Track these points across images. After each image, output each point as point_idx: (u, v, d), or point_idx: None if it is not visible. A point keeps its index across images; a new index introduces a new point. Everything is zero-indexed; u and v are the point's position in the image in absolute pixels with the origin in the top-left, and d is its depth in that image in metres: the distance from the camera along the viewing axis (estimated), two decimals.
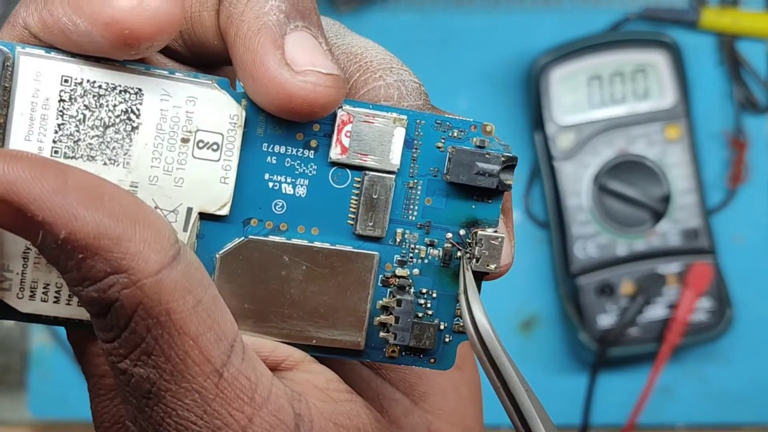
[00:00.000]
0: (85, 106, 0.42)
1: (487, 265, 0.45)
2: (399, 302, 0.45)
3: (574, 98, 1.08)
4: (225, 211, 0.44)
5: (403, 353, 0.46)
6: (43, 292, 0.43)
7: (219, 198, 0.43)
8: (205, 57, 0.45)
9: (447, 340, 0.47)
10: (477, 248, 0.45)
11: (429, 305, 0.46)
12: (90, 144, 0.42)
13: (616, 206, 1.06)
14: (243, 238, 0.44)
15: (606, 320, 1.05)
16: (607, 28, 1.12)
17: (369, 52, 0.46)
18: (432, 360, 0.47)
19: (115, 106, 0.42)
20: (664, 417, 1.09)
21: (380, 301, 0.46)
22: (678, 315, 1.05)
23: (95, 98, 0.42)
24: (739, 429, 1.09)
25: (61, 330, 1.09)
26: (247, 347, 0.42)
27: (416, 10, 1.12)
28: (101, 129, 0.42)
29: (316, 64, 0.41)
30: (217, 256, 0.44)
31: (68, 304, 0.43)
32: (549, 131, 1.07)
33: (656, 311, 1.06)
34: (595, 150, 1.07)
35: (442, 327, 0.46)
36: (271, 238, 0.44)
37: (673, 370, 1.08)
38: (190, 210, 0.43)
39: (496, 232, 0.45)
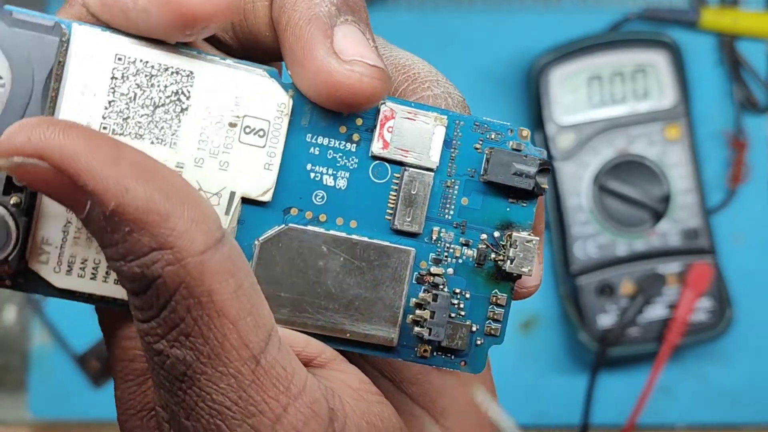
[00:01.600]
0: (137, 84, 0.42)
1: (521, 267, 0.46)
2: (435, 297, 0.45)
3: (574, 98, 1.08)
4: (267, 198, 0.44)
5: (435, 353, 0.46)
6: (80, 268, 0.43)
7: (262, 184, 0.44)
8: (255, 50, 0.46)
9: (479, 342, 0.47)
10: (512, 250, 0.45)
11: (462, 306, 0.47)
12: (139, 122, 0.42)
13: (616, 206, 1.06)
14: (283, 225, 0.44)
15: (606, 320, 1.05)
16: (607, 28, 1.12)
17: (416, 64, 0.48)
18: (463, 362, 0.47)
19: (166, 86, 0.42)
20: (664, 417, 1.09)
21: (414, 299, 0.46)
22: (678, 315, 1.05)
23: (147, 78, 0.42)
24: (738, 429, 1.09)
25: (61, 330, 1.09)
26: (282, 339, 0.42)
27: (416, 10, 1.12)
28: (151, 108, 0.42)
29: (364, 55, 0.42)
30: (257, 242, 0.44)
31: (105, 281, 0.43)
32: (549, 131, 1.07)
33: (656, 311, 1.06)
34: (595, 150, 1.07)
35: (474, 329, 0.47)
36: (311, 227, 0.45)
37: (673, 370, 1.08)
38: (233, 194, 0.43)
39: (530, 234, 0.46)
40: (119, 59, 0.42)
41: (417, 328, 0.46)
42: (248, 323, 0.40)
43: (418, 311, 0.46)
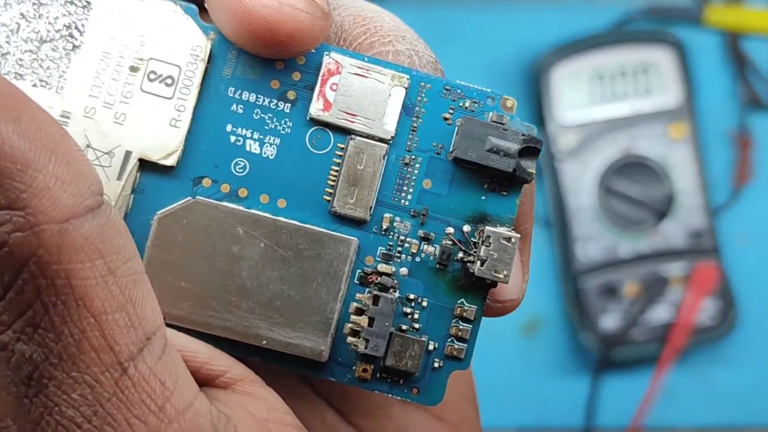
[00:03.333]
0: (21, 14, 0.35)
1: (494, 271, 0.36)
2: (376, 299, 0.36)
3: (577, 96, 1.04)
4: (171, 162, 0.36)
5: (378, 374, 0.37)
6: None
7: (166, 144, 0.36)
8: None
9: (436, 365, 0.37)
10: (484, 248, 0.36)
11: (416, 316, 0.37)
12: (20, 59, 0.35)
13: (620, 206, 1.03)
14: (190, 198, 0.36)
15: (609, 322, 1.02)
16: (611, 25, 1.07)
17: (381, 16, 0.38)
18: (414, 390, 0.37)
19: (56, 18, 0.35)
20: (668, 419, 1.06)
21: (354, 303, 0.36)
22: (682, 316, 1.02)
23: (35, 6, 0.35)
24: (743, 430, 1.07)
25: None
26: (170, 347, 0.33)
27: (417, 7, 1.11)
28: (36, 44, 0.35)
29: None
30: (155, 216, 0.36)
31: None
32: (551, 130, 1.03)
33: (660, 313, 1.02)
34: (598, 149, 1.03)
35: (431, 347, 0.37)
36: (225, 203, 0.36)
37: (677, 372, 1.05)
38: (128, 154, 0.35)
39: (510, 230, 0.36)
40: None
41: (351, 338, 0.36)
42: (117, 320, 0.31)
43: (355, 317, 0.36)
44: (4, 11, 0.35)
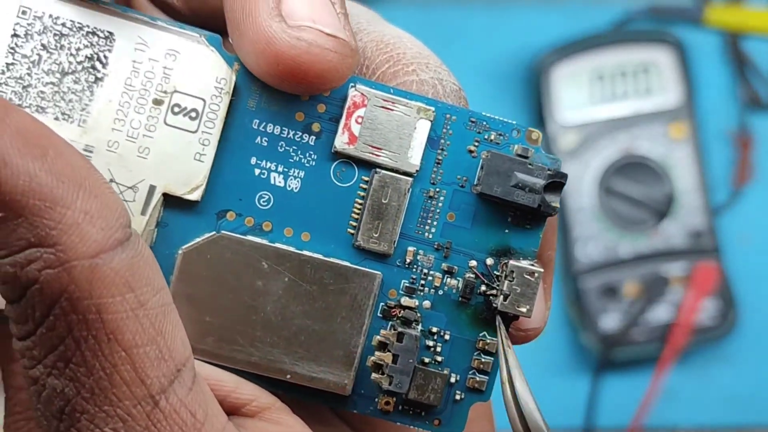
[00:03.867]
0: (42, 45, 0.34)
1: (518, 306, 0.36)
2: (400, 336, 0.35)
3: (577, 97, 1.04)
4: (196, 196, 0.35)
5: (400, 407, 0.37)
6: None
7: (191, 179, 0.35)
8: (206, 15, 0.38)
9: (458, 397, 0.37)
10: (507, 283, 0.35)
11: (439, 349, 0.37)
12: (42, 92, 0.34)
13: (620, 206, 1.02)
14: (214, 233, 0.35)
15: (609, 322, 1.02)
16: (611, 25, 1.07)
17: (403, 42, 0.38)
18: (436, 421, 0.37)
19: (78, 50, 0.34)
20: (669, 419, 1.05)
21: (378, 336, 0.36)
22: (682, 316, 1.02)
23: (56, 38, 0.34)
24: (743, 430, 1.07)
25: None
26: (200, 378, 0.33)
27: (417, 7, 1.10)
28: (58, 76, 0.34)
29: (318, 20, 0.33)
30: (180, 251, 0.35)
31: None
32: (551, 130, 1.03)
33: (660, 313, 1.02)
34: (598, 149, 1.03)
35: (453, 380, 0.37)
36: (250, 237, 0.35)
37: (677, 373, 1.05)
38: (152, 188, 0.35)
39: (533, 265, 0.36)
40: (24, 12, 0.34)
41: (375, 375, 0.36)
42: (148, 353, 0.31)
43: (379, 353, 0.36)
44: (26, 42, 0.34)
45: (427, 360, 0.37)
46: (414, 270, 0.37)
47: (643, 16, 1.09)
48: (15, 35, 0.34)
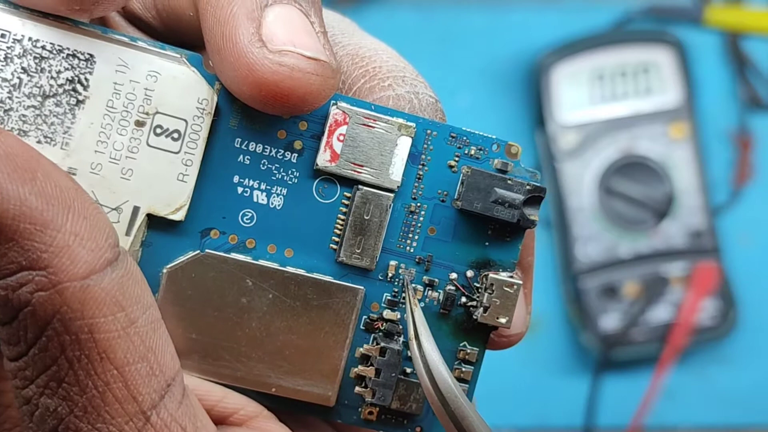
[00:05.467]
0: (22, 68, 0.34)
1: (497, 318, 0.36)
2: (383, 351, 0.36)
3: (577, 97, 1.03)
4: (179, 216, 0.35)
5: (383, 416, 0.38)
6: None
7: (174, 199, 0.35)
8: (181, 33, 0.38)
9: None
10: (487, 295, 0.36)
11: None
12: (23, 116, 0.34)
13: (619, 206, 1.02)
14: (198, 251, 0.36)
15: (609, 322, 1.01)
16: (611, 25, 1.06)
17: (379, 55, 0.38)
18: (418, 429, 0.38)
19: (59, 72, 0.34)
20: (668, 419, 1.05)
21: (360, 349, 0.37)
22: (682, 316, 1.02)
23: (36, 61, 0.34)
24: (743, 431, 1.07)
25: None
26: (188, 391, 0.34)
27: (417, 7, 1.10)
28: (39, 99, 0.34)
29: (299, 44, 0.33)
30: (164, 270, 0.36)
31: None
32: (551, 130, 1.02)
33: (660, 313, 1.02)
34: (598, 149, 1.03)
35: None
36: (234, 255, 0.36)
37: (677, 373, 1.05)
38: (136, 209, 0.35)
39: (512, 277, 0.36)
40: (2, 36, 0.34)
41: (359, 388, 0.37)
42: (139, 370, 0.32)
43: (362, 366, 0.37)
44: (5, 66, 0.34)
45: (409, 371, 0.38)
46: (396, 283, 0.37)
47: (643, 16, 1.08)
48: None
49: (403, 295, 0.37)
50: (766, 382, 1.06)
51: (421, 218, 0.37)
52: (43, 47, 0.34)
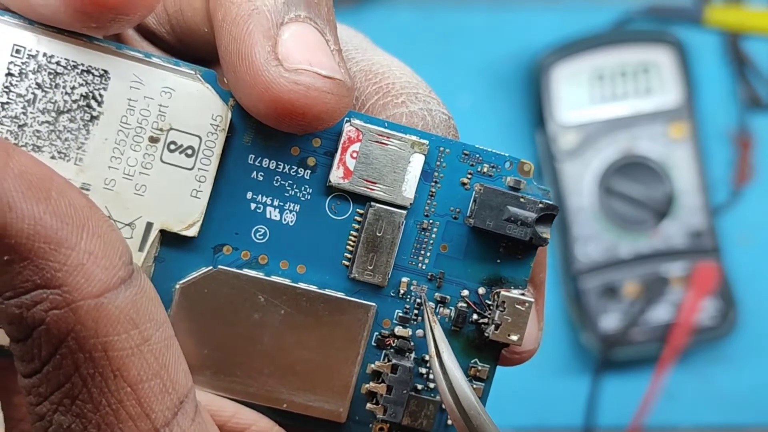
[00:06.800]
0: (37, 84, 0.34)
1: (508, 335, 0.36)
2: (394, 368, 0.37)
3: (577, 96, 1.04)
4: (193, 232, 0.35)
5: None
6: None
7: (187, 215, 0.35)
8: (195, 49, 0.38)
9: (449, 422, 0.38)
10: (498, 312, 0.36)
11: (432, 377, 0.38)
12: (37, 131, 0.34)
13: (619, 206, 1.02)
14: (211, 267, 0.36)
15: (609, 322, 1.02)
16: (611, 25, 1.07)
17: (393, 72, 0.38)
18: None
19: (73, 88, 0.34)
20: (668, 419, 1.05)
21: (372, 365, 0.37)
22: (682, 316, 1.02)
23: (51, 76, 0.34)
24: (743, 431, 1.07)
25: None
26: (201, 407, 0.34)
27: (417, 7, 1.09)
28: (53, 114, 0.34)
29: (315, 62, 0.33)
30: (177, 286, 0.36)
31: None
32: (551, 130, 1.03)
33: (660, 313, 1.02)
34: (598, 149, 1.03)
35: (432, 376, 0.38)
36: (246, 271, 0.36)
37: (677, 372, 1.05)
38: (150, 225, 0.35)
39: (523, 295, 0.36)
40: (17, 52, 0.34)
41: (370, 405, 0.37)
42: (152, 387, 0.32)
43: (373, 383, 0.37)
44: (20, 81, 0.34)
45: (420, 387, 0.38)
46: (408, 300, 0.37)
47: (643, 16, 1.08)
48: (9, 74, 0.34)
49: (415, 311, 0.37)
50: (766, 382, 1.06)
51: (434, 235, 0.37)
52: (58, 63, 0.34)
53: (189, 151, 0.35)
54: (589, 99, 1.05)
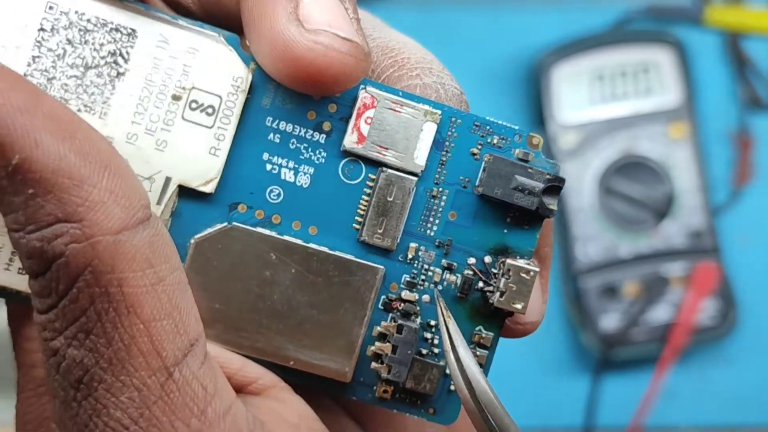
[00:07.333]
0: (67, 40, 0.35)
1: (513, 303, 0.37)
2: (400, 329, 0.37)
3: (577, 96, 1.04)
4: (210, 189, 0.37)
5: (397, 395, 0.38)
6: None
7: (205, 172, 0.36)
8: (219, 16, 0.38)
9: (452, 387, 0.39)
10: (503, 280, 0.37)
11: (436, 341, 0.38)
12: (65, 84, 0.35)
13: (620, 206, 1.02)
14: (226, 224, 0.37)
15: (609, 322, 1.01)
16: (611, 25, 1.08)
17: (408, 48, 0.39)
18: (431, 410, 0.39)
19: (102, 45, 0.36)
20: (668, 419, 1.05)
21: (378, 327, 0.38)
22: (682, 316, 1.02)
23: (81, 33, 0.36)
24: (743, 430, 1.07)
25: None
26: (210, 355, 0.35)
27: (417, 7, 1.10)
28: (81, 69, 0.36)
29: (334, 25, 0.34)
30: (192, 240, 0.37)
31: (7, 269, 0.36)
32: (551, 130, 1.03)
33: (660, 313, 1.02)
34: (598, 149, 1.03)
35: (448, 371, 0.38)
36: (259, 229, 0.37)
37: (677, 373, 1.05)
38: (168, 180, 0.36)
39: (528, 264, 0.37)
40: (50, 8, 0.35)
41: (375, 364, 0.38)
42: (164, 326, 0.33)
43: (379, 343, 0.38)
44: (51, 36, 0.35)
45: (424, 351, 0.38)
46: (415, 265, 0.38)
47: (643, 16, 1.08)
48: (42, 29, 0.35)
49: (422, 277, 0.38)
50: (766, 382, 1.06)
51: (443, 203, 0.38)
52: (88, 20, 0.36)
53: (210, 110, 0.36)
54: (589, 99, 1.04)
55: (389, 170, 0.37)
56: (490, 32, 1.09)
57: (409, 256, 0.38)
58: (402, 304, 0.38)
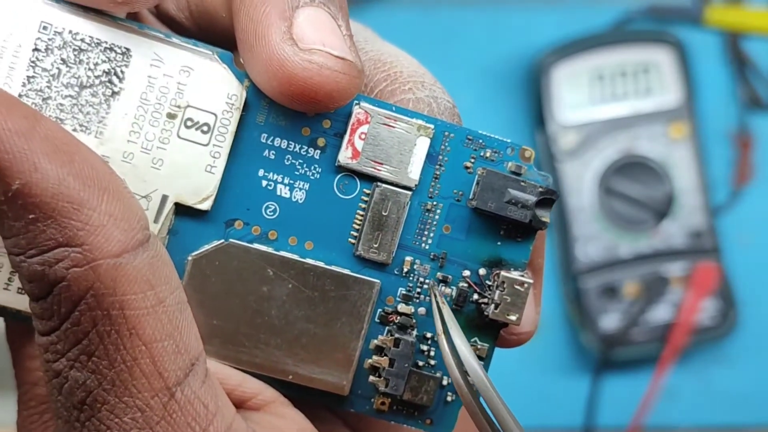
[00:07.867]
0: (62, 60, 0.36)
1: (507, 315, 0.38)
2: (396, 342, 0.38)
3: (577, 97, 1.04)
4: (206, 206, 0.37)
5: (395, 407, 0.39)
6: None
7: (201, 189, 0.37)
8: (213, 33, 0.39)
9: (449, 398, 0.39)
10: (498, 292, 0.38)
11: (432, 354, 0.39)
12: (61, 104, 0.36)
13: (620, 206, 1.02)
14: (223, 240, 0.37)
15: (609, 322, 1.02)
16: (611, 25, 1.07)
17: (400, 61, 0.40)
18: (428, 421, 0.39)
19: (96, 64, 0.36)
20: (668, 419, 1.05)
21: (375, 341, 0.38)
22: (682, 316, 1.02)
23: (75, 52, 0.36)
24: (743, 431, 1.07)
25: None
26: (210, 372, 0.35)
27: (418, 7, 1.10)
28: (76, 89, 0.36)
29: (327, 43, 0.35)
30: (189, 257, 0.37)
31: (6, 288, 0.37)
32: (551, 130, 1.03)
33: (660, 313, 1.02)
34: (598, 149, 1.03)
35: (444, 382, 0.39)
36: (256, 245, 0.37)
37: (677, 372, 1.05)
38: (165, 198, 0.37)
39: (522, 276, 0.38)
40: (44, 28, 0.36)
41: (372, 377, 0.38)
42: (166, 347, 0.33)
43: (376, 356, 0.38)
44: (46, 56, 0.36)
45: (421, 363, 0.39)
46: (411, 278, 0.39)
47: (643, 16, 1.08)
48: (36, 49, 0.36)
49: (418, 290, 0.39)
50: (766, 382, 1.06)
51: (437, 216, 0.39)
52: (83, 40, 0.36)
53: (205, 128, 0.37)
54: (589, 99, 1.05)
55: (384, 185, 0.38)
56: (490, 32, 1.09)
57: (405, 270, 0.39)
58: (398, 318, 0.39)
